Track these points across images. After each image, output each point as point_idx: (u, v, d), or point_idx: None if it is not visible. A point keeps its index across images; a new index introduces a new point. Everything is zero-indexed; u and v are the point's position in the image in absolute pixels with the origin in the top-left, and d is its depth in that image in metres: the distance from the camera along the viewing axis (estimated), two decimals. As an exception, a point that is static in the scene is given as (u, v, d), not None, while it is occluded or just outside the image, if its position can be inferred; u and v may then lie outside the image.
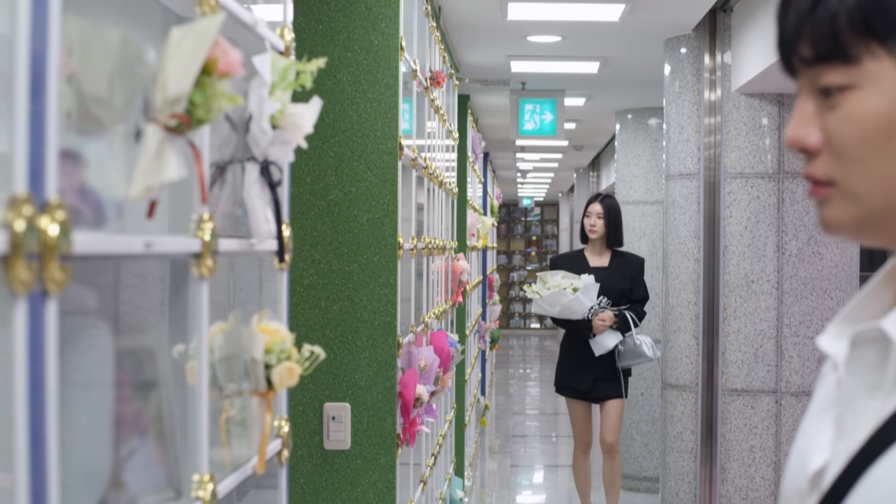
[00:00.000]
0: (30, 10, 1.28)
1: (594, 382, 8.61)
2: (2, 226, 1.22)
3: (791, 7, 1.38)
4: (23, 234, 1.23)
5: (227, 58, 1.70)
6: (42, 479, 1.31)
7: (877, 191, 1.34)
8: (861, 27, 1.31)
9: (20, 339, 1.26)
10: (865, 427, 1.34)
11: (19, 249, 1.23)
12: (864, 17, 1.31)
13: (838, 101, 1.34)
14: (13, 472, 1.27)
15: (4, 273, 1.23)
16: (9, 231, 1.22)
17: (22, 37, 1.27)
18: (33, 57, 1.28)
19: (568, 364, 8.80)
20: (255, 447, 2.31)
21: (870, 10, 1.31)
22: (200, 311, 2.01)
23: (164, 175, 1.58)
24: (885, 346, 1.34)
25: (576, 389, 8.69)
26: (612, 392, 8.62)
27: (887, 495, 1.27)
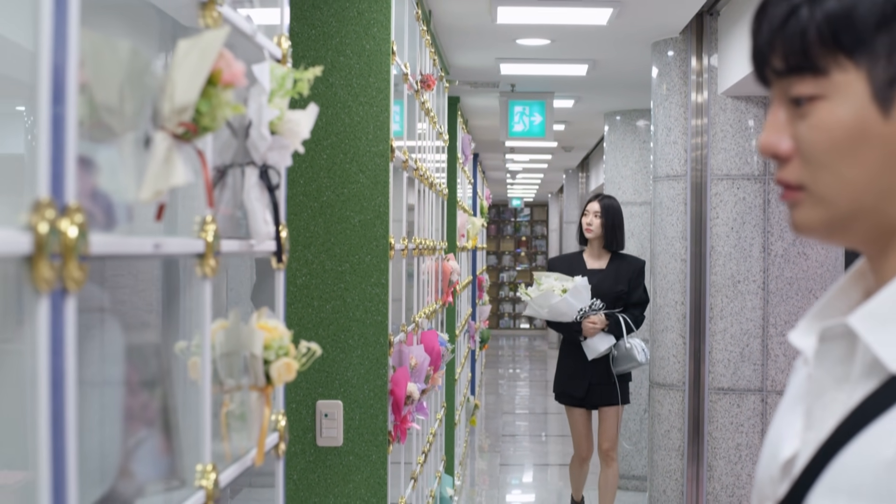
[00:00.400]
0: (52, 27, 1.37)
1: (589, 388, 8.37)
2: (27, 228, 1.32)
3: (764, 21, 1.47)
4: (46, 236, 1.32)
5: (231, 69, 1.79)
6: (62, 467, 1.39)
7: (844, 195, 1.43)
8: (829, 41, 1.41)
9: (42, 334, 1.35)
10: (833, 417, 1.42)
11: (43, 250, 1.32)
12: (832, 32, 1.40)
13: (808, 110, 1.43)
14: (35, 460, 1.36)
15: (29, 272, 1.32)
16: (33, 233, 1.32)
17: (44, 51, 1.35)
18: (55, 70, 1.37)
19: (564, 370, 8.57)
20: (254, 440, 2.39)
21: (837, 25, 1.40)
22: (203, 309, 2.10)
23: (173, 180, 1.67)
24: (851, 341, 1.43)
25: (572, 396, 8.47)
26: (608, 398, 8.38)
27: (852, 481, 1.36)
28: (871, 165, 1.41)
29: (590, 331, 8.20)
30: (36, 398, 1.35)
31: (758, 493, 1.58)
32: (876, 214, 1.44)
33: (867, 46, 1.40)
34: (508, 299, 32.44)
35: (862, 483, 1.35)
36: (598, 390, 8.38)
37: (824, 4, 1.41)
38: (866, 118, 1.40)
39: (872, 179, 1.41)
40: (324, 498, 4.82)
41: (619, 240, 8.50)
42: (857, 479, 1.36)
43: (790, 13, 1.43)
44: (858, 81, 1.41)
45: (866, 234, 1.46)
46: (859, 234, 1.47)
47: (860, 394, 1.40)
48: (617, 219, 8.50)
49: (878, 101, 1.40)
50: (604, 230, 8.44)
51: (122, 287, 2.03)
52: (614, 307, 8.30)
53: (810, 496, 1.41)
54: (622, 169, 11.88)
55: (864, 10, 1.39)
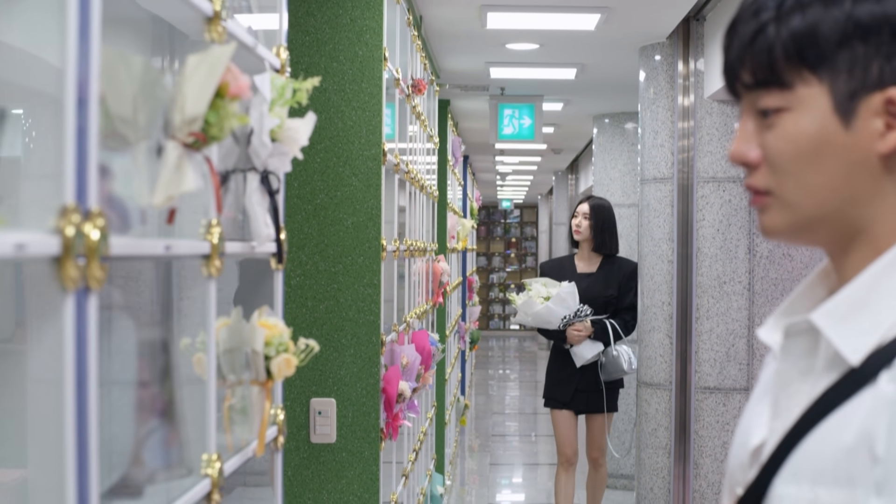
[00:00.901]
0: (76, 46, 1.48)
1: (574, 394, 8.19)
2: (55, 231, 1.43)
3: (734, 39, 1.59)
4: (72, 239, 1.44)
5: (238, 82, 1.91)
6: (86, 454, 1.51)
7: (808, 200, 1.54)
8: (794, 57, 1.52)
9: (68, 329, 1.46)
10: (798, 407, 1.53)
11: (70, 251, 1.44)
12: (796, 49, 1.52)
13: (775, 121, 1.55)
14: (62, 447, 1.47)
15: (57, 271, 1.43)
16: (61, 236, 1.43)
17: (70, 67, 1.47)
18: (79, 85, 1.49)
19: (553, 375, 8.38)
20: (254, 432, 2.50)
21: (802, 43, 1.51)
22: (209, 307, 2.21)
23: (184, 186, 1.79)
24: (814, 336, 1.54)
25: (557, 400, 8.27)
26: (594, 405, 8.24)
27: (815, 466, 1.47)
28: (833, 173, 1.52)
29: (574, 339, 8.07)
30: (62, 389, 1.46)
31: (729, 479, 1.68)
32: (838, 218, 1.54)
33: (829, 62, 1.51)
34: (498, 301, 32.48)
35: (823, 468, 1.45)
36: (584, 397, 8.23)
37: (790, 23, 1.52)
38: (828, 129, 1.51)
39: (834, 186, 1.52)
40: (318, 493, 4.89)
41: (609, 243, 8.34)
42: (819, 465, 1.46)
43: (758, 31, 1.54)
44: (821, 95, 1.52)
45: (830, 236, 1.57)
46: (823, 237, 1.58)
47: (823, 385, 1.51)
48: (607, 221, 8.34)
49: (839, 113, 1.51)
50: (593, 232, 8.27)
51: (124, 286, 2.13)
52: (604, 312, 8.15)
53: (776, 480, 1.51)
54: (611, 171, 11.89)
55: (827, 28, 1.50)
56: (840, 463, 1.44)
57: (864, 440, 1.43)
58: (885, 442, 1.41)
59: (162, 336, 2.24)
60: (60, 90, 1.47)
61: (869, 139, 1.51)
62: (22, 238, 1.33)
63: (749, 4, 1.58)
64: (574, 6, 7.27)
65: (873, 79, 1.50)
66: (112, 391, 1.90)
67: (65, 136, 1.46)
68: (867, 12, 1.49)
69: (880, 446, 1.41)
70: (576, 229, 8.32)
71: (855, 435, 1.44)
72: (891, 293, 1.50)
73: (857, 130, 1.51)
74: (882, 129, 1.50)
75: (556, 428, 8.37)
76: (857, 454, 1.43)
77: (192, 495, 2.07)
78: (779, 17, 1.53)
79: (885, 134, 1.50)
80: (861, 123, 1.51)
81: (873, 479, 1.41)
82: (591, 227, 8.28)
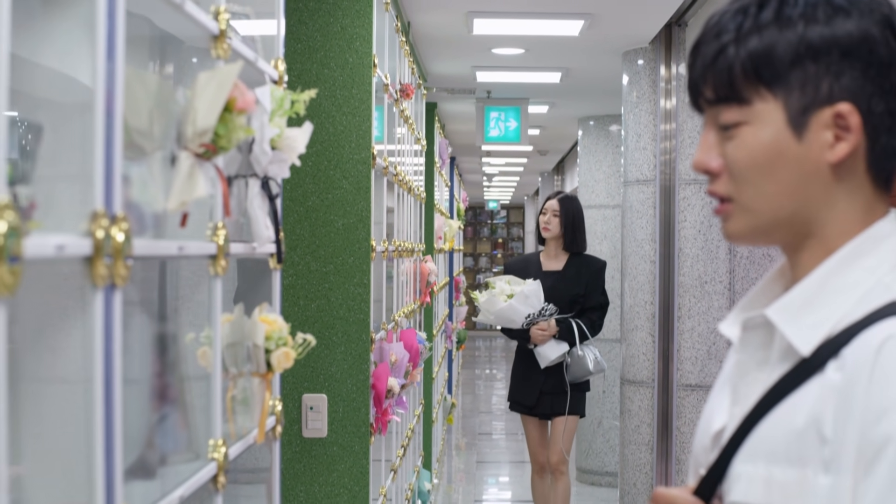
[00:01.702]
0: (105, 67, 1.65)
1: (539, 397, 7.92)
2: (86, 234, 1.59)
3: (698, 58, 1.74)
4: (102, 241, 1.60)
5: (245, 97, 2.08)
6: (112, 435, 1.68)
7: (765, 205, 1.69)
8: (752, 76, 1.67)
9: (98, 321, 1.63)
10: (755, 394, 1.68)
11: (100, 252, 1.60)
12: (754, 68, 1.67)
13: (734, 133, 1.70)
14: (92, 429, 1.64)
15: (89, 270, 1.60)
16: (92, 238, 1.59)
17: (99, 86, 1.63)
18: (107, 101, 1.65)
19: (517, 377, 8.13)
20: (255, 421, 2.66)
21: (759, 62, 1.67)
22: (215, 304, 2.37)
23: (196, 192, 1.95)
24: (769, 330, 1.69)
25: (523, 404, 8.03)
26: (559, 408, 7.92)
27: (769, 447, 1.62)
28: (788, 180, 1.67)
29: (538, 338, 7.79)
30: (92, 376, 1.63)
31: (694, 461, 1.83)
32: (793, 221, 1.69)
33: (783, 80, 1.65)
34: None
35: (777, 448, 1.60)
36: (549, 399, 7.94)
37: (748, 44, 1.67)
38: (782, 141, 1.66)
39: (789, 192, 1.67)
40: (309, 486, 4.98)
41: (579, 241, 8.09)
42: (773, 446, 1.61)
43: (720, 52, 1.69)
44: (776, 110, 1.66)
45: (785, 238, 1.72)
46: (780, 238, 1.73)
47: (777, 374, 1.66)
48: (577, 218, 8.08)
49: (792, 127, 1.65)
50: (563, 230, 8.03)
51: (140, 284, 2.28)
52: (570, 311, 7.88)
53: (735, 460, 1.66)
54: (595, 173, 11.93)
55: (781, 49, 1.65)
56: (792, 444, 1.59)
57: (814, 423, 1.57)
58: (831, 424, 1.54)
59: (170, 331, 2.40)
60: (91, 107, 1.63)
61: (820, 150, 1.65)
62: (62, 240, 1.49)
63: (711, 27, 1.72)
64: (558, 13, 7.36)
65: (823, 95, 1.64)
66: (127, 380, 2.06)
67: (94, 149, 1.62)
68: (818, 35, 1.64)
69: (828, 428, 1.55)
70: (545, 227, 8.08)
71: (805, 418, 1.58)
72: (839, 291, 1.64)
73: (808, 142, 1.65)
74: (831, 141, 1.65)
75: (527, 435, 8.21)
76: (807, 436, 1.57)
77: (200, 477, 2.24)
78: (738, 39, 1.67)
79: (834, 145, 1.64)
80: (812, 136, 1.65)
81: (822, 458, 1.55)
82: (560, 224, 8.04)
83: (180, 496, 2.04)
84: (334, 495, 5.01)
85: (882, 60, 1.64)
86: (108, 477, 1.67)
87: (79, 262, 1.60)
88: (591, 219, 11.47)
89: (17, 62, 1.34)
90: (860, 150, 1.66)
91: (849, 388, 1.55)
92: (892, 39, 1.65)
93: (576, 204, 8.17)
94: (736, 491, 1.65)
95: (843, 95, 1.64)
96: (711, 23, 1.73)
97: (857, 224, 1.69)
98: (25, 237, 1.34)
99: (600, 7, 7.13)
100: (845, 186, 1.68)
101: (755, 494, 1.62)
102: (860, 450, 1.51)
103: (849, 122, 1.64)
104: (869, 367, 1.54)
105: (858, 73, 1.64)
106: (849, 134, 1.65)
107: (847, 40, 1.64)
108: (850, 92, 1.64)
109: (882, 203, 1.71)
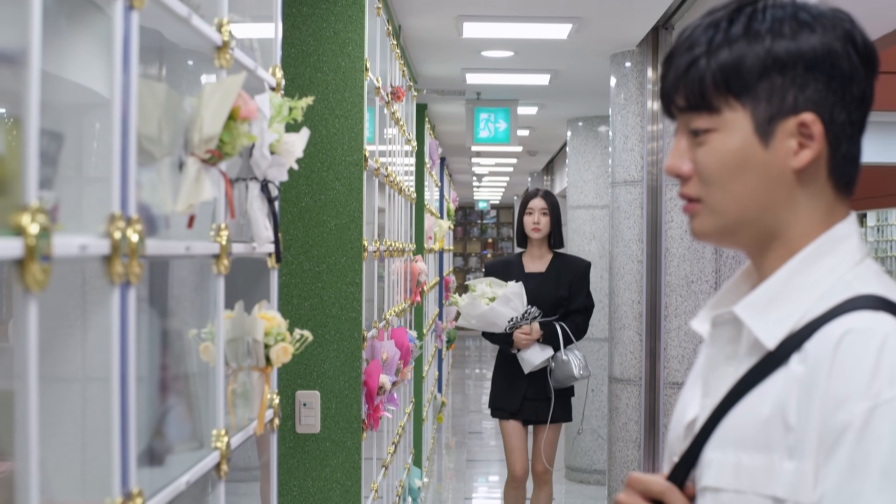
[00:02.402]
0: (121, 80, 1.77)
1: (523, 402, 7.60)
2: (105, 235, 1.71)
3: (670, 69, 1.85)
4: (119, 241, 1.73)
5: (248, 106, 2.20)
6: (127, 423, 1.80)
7: (732, 207, 1.80)
8: (722, 86, 1.78)
9: (115, 316, 1.75)
10: (724, 386, 1.79)
11: (117, 252, 1.73)
12: (724, 79, 1.77)
13: (704, 139, 1.80)
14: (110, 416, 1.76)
15: (107, 268, 1.72)
16: (110, 239, 1.72)
17: (116, 97, 1.76)
18: (122, 111, 1.77)
19: (499, 383, 7.78)
20: (255, 413, 2.79)
21: (728, 74, 1.77)
22: (217, 301, 2.49)
23: (202, 195, 2.08)
24: (737, 326, 1.80)
25: (505, 409, 7.68)
26: (542, 415, 7.62)
27: (737, 435, 1.73)
28: (754, 184, 1.77)
29: (522, 342, 7.48)
30: (110, 367, 1.75)
31: (668, 450, 1.94)
32: (758, 223, 1.79)
33: (751, 91, 1.76)
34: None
35: (745, 436, 1.71)
36: (533, 406, 7.63)
37: (718, 57, 1.77)
38: (749, 148, 1.76)
39: (755, 195, 1.77)
40: (303, 481, 5.07)
41: (562, 237, 7.84)
42: (741, 434, 1.72)
43: (692, 63, 1.80)
44: (744, 118, 1.77)
45: (750, 239, 1.83)
46: (745, 239, 1.84)
47: (745, 367, 1.77)
48: (560, 214, 7.84)
49: (759, 135, 1.76)
50: (552, 228, 7.77)
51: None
52: (554, 314, 7.61)
53: (706, 448, 1.77)
54: (584, 173, 11.98)
55: (750, 62, 1.76)
56: (759, 432, 1.69)
57: (779, 412, 1.67)
58: (795, 413, 1.65)
59: (174, 327, 2.52)
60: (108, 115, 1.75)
61: (784, 156, 1.76)
62: (85, 241, 1.62)
63: (684, 40, 1.83)
64: (547, 16, 7.42)
65: (788, 105, 1.75)
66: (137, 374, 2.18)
67: (112, 155, 1.74)
68: (784, 49, 1.75)
69: (792, 417, 1.65)
70: (534, 227, 7.74)
71: (771, 408, 1.68)
72: (802, 288, 1.75)
73: (774, 149, 1.76)
74: (796, 148, 1.75)
75: (506, 441, 7.77)
76: (773, 424, 1.67)
77: (205, 465, 2.37)
78: (709, 52, 1.78)
79: (798, 152, 1.75)
80: (778, 143, 1.75)
81: (786, 444, 1.65)
82: (549, 223, 7.76)
83: (187, 481, 2.17)
84: (327, 490, 5.08)
85: (844, 73, 1.75)
86: (124, 463, 1.80)
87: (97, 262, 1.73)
88: (579, 219, 11.55)
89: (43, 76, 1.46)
90: (822, 157, 1.77)
91: (811, 379, 1.65)
92: (854, 53, 1.76)
93: (556, 199, 7.91)
94: (707, 476, 1.75)
95: (808, 106, 1.75)
96: (684, 36, 1.83)
97: (818, 226, 1.79)
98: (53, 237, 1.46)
99: (588, 11, 7.20)
100: (808, 191, 1.78)
101: (725, 479, 1.72)
102: (821, 436, 1.61)
103: (812, 131, 1.75)
104: (829, 359, 1.64)
105: (822, 85, 1.74)
106: (812, 142, 1.75)
107: (811, 54, 1.74)
108: (814, 103, 1.75)
109: (842, 206, 1.81)
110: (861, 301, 1.69)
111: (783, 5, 1.79)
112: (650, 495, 1.81)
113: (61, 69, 1.77)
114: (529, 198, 7.85)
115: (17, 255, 1.39)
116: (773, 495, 1.66)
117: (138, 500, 1.83)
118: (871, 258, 1.81)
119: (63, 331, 1.84)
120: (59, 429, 1.76)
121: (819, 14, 1.77)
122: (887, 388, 1.59)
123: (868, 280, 1.74)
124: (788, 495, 1.64)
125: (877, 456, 1.57)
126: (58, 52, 1.74)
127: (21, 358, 1.41)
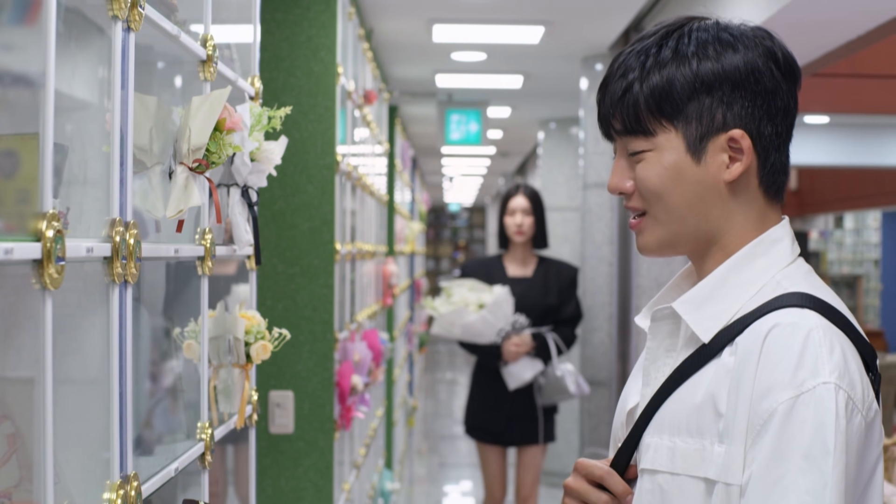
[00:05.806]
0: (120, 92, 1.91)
1: (508, 422, 6.81)
2: (106, 239, 1.86)
3: (607, 95, 1.99)
4: (118, 244, 1.87)
5: (233, 118, 2.35)
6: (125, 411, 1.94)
7: (672, 218, 1.95)
8: (655, 110, 1.93)
9: (114, 313, 1.89)
10: (663, 377, 1.96)
11: (117, 253, 1.87)
12: (656, 103, 1.92)
13: (642, 158, 1.95)
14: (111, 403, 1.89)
15: (108, 269, 1.85)
16: (111, 242, 1.86)
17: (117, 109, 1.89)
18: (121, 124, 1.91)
19: (478, 399, 6.95)
20: (236, 408, 2.92)
21: (660, 98, 1.91)
22: (202, 301, 2.63)
23: (191, 202, 2.22)
24: (676, 320, 1.97)
25: (488, 431, 6.90)
26: (529, 436, 6.85)
27: (673, 421, 1.88)
28: (689, 198, 1.92)
29: (512, 355, 6.65)
30: (110, 359, 1.89)
31: (613, 437, 2.11)
32: (697, 232, 1.95)
33: (682, 113, 1.91)
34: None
35: (679, 422, 1.87)
36: (518, 426, 6.84)
37: (650, 81, 1.92)
38: (683, 165, 1.92)
39: (691, 207, 1.93)
40: (276, 481, 5.15)
41: (546, 237, 7.01)
42: (677, 420, 1.88)
43: (626, 89, 1.94)
44: (677, 139, 1.92)
45: (691, 245, 1.98)
46: (686, 247, 1.99)
47: (681, 358, 1.92)
48: (544, 211, 7.02)
49: (691, 153, 1.91)
50: (536, 228, 6.94)
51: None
52: (541, 324, 6.80)
53: (645, 434, 1.93)
54: (556, 175, 12.08)
55: (679, 86, 1.90)
56: (692, 418, 1.85)
57: (710, 400, 1.83)
58: (725, 401, 1.81)
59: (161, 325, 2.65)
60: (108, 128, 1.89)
61: (717, 170, 1.91)
62: (90, 244, 1.75)
63: (619, 66, 1.97)
64: (518, 19, 7.53)
65: (718, 123, 1.90)
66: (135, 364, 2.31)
67: (111, 165, 1.88)
68: (708, 70, 1.90)
69: (722, 404, 1.81)
70: (518, 230, 6.88)
71: (703, 396, 1.84)
72: (736, 286, 1.91)
73: (706, 164, 1.91)
74: (727, 162, 1.91)
75: (485, 467, 7.02)
76: (705, 411, 1.83)
77: (191, 454, 2.52)
78: (642, 77, 1.92)
79: (730, 166, 1.91)
80: (710, 159, 1.91)
81: (717, 430, 1.81)
82: (534, 223, 6.94)
83: (175, 468, 2.31)
84: (300, 489, 5.15)
85: (767, 89, 1.90)
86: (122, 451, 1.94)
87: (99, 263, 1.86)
88: (552, 221, 11.39)
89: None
90: (752, 169, 1.93)
91: (740, 370, 1.81)
92: (775, 69, 1.91)
93: (540, 195, 7.08)
94: (645, 459, 1.91)
95: (736, 122, 1.90)
96: (618, 62, 1.97)
97: (752, 231, 1.95)
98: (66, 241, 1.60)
99: (560, 14, 7.30)
100: (741, 200, 1.94)
101: (661, 462, 1.88)
102: (749, 422, 1.77)
103: (741, 146, 1.90)
104: (757, 351, 1.79)
105: (748, 101, 1.90)
106: (742, 155, 1.91)
107: (735, 74, 1.90)
108: (741, 119, 1.90)
109: (774, 212, 1.97)
110: (788, 298, 1.84)
111: (707, 28, 1.93)
112: (593, 479, 1.96)
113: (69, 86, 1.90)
114: (510, 195, 7.01)
115: (35, 257, 1.53)
116: (704, 476, 1.82)
117: (134, 482, 1.97)
118: (801, 259, 1.96)
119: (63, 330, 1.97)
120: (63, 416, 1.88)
121: (740, 34, 1.92)
122: (810, 378, 1.74)
123: (796, 279, 1.89)
124: (719, 477, 1.80)
125: (799, 440, 1.72)
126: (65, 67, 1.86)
127: (39, 351, 1.54)
